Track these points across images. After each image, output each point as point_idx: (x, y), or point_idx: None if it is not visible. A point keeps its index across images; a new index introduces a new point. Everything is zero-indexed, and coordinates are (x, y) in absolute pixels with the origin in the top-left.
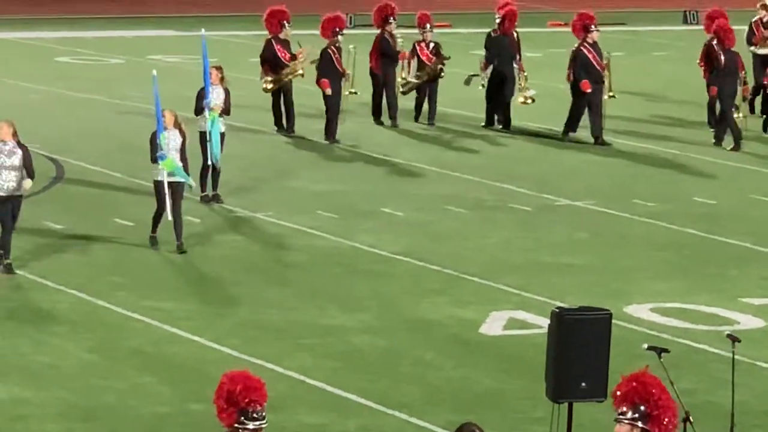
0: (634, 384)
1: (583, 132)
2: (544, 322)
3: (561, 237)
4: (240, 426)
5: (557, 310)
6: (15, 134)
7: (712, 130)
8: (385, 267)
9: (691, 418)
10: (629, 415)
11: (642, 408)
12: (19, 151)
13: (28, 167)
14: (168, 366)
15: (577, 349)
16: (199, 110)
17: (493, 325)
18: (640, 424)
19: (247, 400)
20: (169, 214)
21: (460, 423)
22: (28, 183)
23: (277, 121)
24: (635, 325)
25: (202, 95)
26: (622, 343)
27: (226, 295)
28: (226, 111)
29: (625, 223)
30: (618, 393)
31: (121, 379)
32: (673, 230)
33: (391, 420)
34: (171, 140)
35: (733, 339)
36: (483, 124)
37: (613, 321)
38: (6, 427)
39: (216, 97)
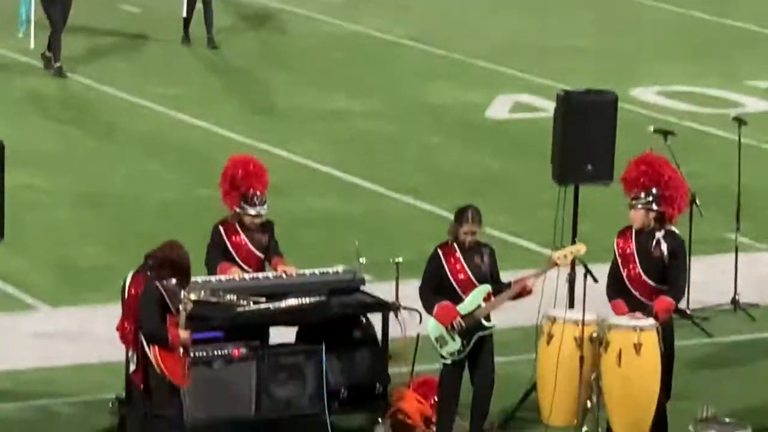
0: (644, 167)
1: None
2: (550, 105)
3: (567, 19)
4: (241, 210)
5: (563, 93)
6: None
7: None
8: (392, 51)
9: (697, 200)
10: (643, 199)
11: (654, 191)
12: None
13: None
14: (174, 152)
15: (583, 132)
16: None
17: (500, 108)
18: (654, 206)
19: (247, 186)
20: (183, 11)
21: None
22: None
23: None
24: (641, 107)
25: None
26: (628, 125)
27: (231, 80)
28: None
29: (633, 5)
30: (628, 178)
31: (128, 165)
32: (680, 13)
33: (398, 204)
34: None
35: (740, 121)
36: None
37: (619, 104)
38: (17, 214)
39: None
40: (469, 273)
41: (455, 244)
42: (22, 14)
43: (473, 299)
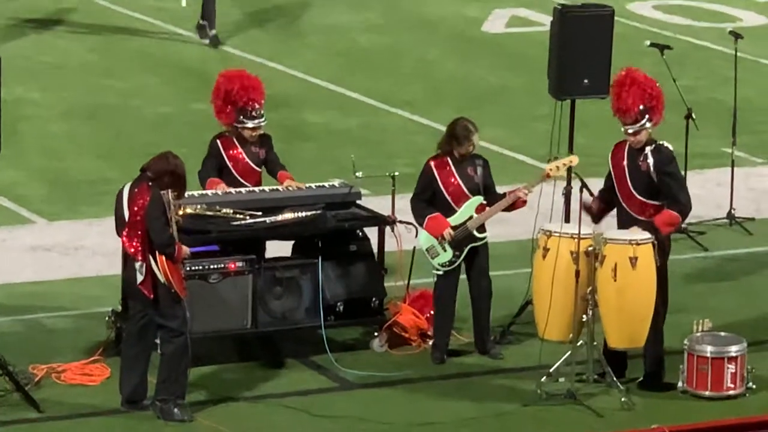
0: (633, 90)
1: None
2: (547, 19)
3: None
4: (239, 125)
5: (560, 7)
6: None
7: None
8: None
9: (693, 114)
10: (641, 121)
11: (645, 107)
12: None
13: None
14: (171, 66)
15: (580, 46)
16: None
17: (496, 22)
18: (650, 124)
19: (245, 99)
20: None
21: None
22: None
23: None
24: (637, 22)
25: None
26: (625, 39)
27: None
28: None
29: None
30: (625, 108)
31: (125, 79)
32: None
33: (394, 118)
34: None
35: (736, 36)
36: None
37: (616, 18)
38: (11, 127)
39: None
40: (462, 184)
41: (448, 157)
42: None
43: (465, 210)
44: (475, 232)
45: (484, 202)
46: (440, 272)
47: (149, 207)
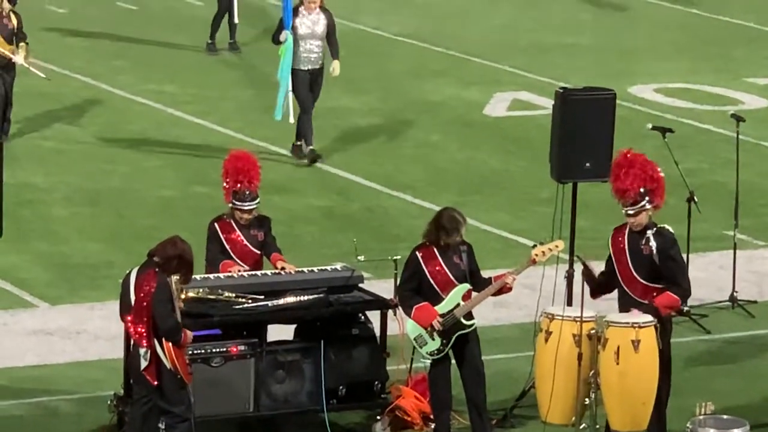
0: (633, 171)
1: None
2: (548, 102)
3: (565, 17)
4: (232, 206)
5: (561, 91)
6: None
7: None
8: (390, 48)
9: (695, 197)
10: (641, 202)
11: (646, 189)
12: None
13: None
14: (172, 149)
15: (582, 130)
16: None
17: (498, 106)
18: (650, 205)
19: (235, 180)
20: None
21: (465, 203)
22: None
23: None
24: (639, 105)
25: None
26: (626, 123)
27: (228, 77)
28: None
29: (630, 2)
30: (625, 189)
31: (126, 163)
32: (677, 10)
33: (396, 201)
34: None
35: (738, 119)
36: None
37: (618, 101)
38: (13, 211)
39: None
40: (449, 273)
41: (434, 246)
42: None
43: (452, 298)
44: (463, 320)
45: (470, 288)
46: (429, 360)
47: (156, 293)
